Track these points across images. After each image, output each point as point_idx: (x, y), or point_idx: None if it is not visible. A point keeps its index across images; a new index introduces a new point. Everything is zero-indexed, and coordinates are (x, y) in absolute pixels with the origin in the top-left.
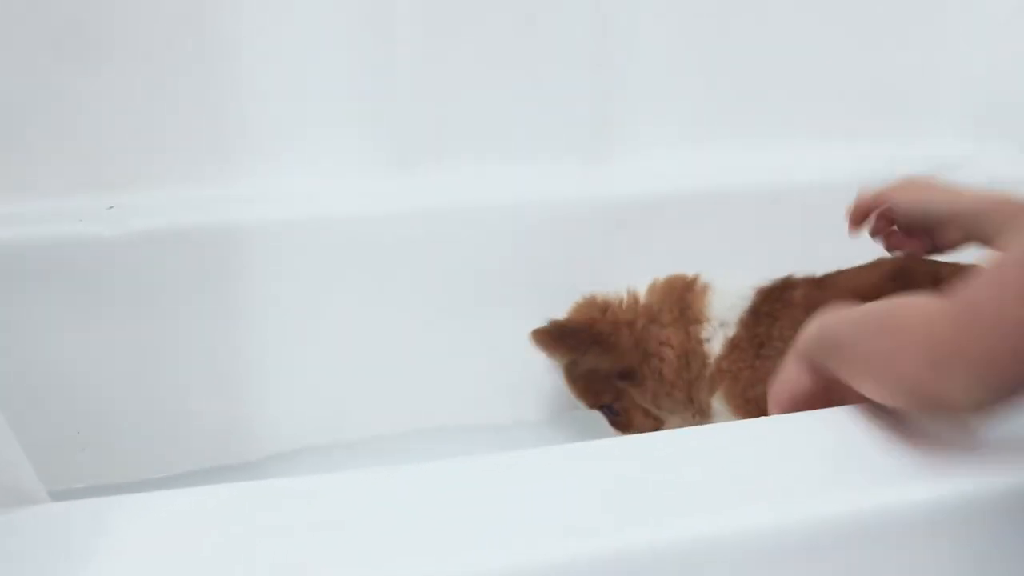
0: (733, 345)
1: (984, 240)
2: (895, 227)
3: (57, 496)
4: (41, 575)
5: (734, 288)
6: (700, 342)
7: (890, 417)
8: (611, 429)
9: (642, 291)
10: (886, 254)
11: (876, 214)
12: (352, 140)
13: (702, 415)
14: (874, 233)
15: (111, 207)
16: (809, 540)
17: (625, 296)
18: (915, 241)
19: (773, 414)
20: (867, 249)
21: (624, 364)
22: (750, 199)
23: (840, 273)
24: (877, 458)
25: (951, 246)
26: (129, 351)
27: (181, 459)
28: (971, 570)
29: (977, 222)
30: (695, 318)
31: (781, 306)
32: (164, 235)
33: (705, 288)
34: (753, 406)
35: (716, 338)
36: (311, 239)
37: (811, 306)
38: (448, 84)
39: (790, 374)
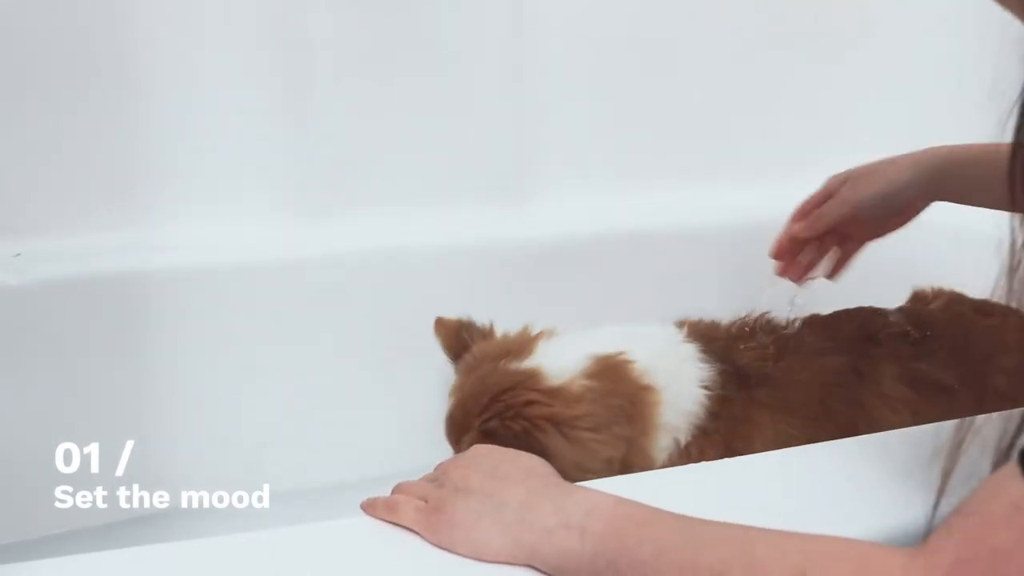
0: None
1: (951, 197)
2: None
3: None
4: None
5: None
6: None
7: None
8: None
9: None
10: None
11: (824, 233)
12: (265, 186)
13: None
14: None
15: (18, 254)
16: None
17: None
18: (853, 240)
19: None
20: None
21: None
22: (668, 240)
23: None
24: None
25: (910, 218)
26: (36, 401)
27: None
28: None
29: (940, 182)
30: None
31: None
32: (72, 283)
33: None
34: None
35: None
36: (222, 287)
37: None
38: (363, 130)
39: None
